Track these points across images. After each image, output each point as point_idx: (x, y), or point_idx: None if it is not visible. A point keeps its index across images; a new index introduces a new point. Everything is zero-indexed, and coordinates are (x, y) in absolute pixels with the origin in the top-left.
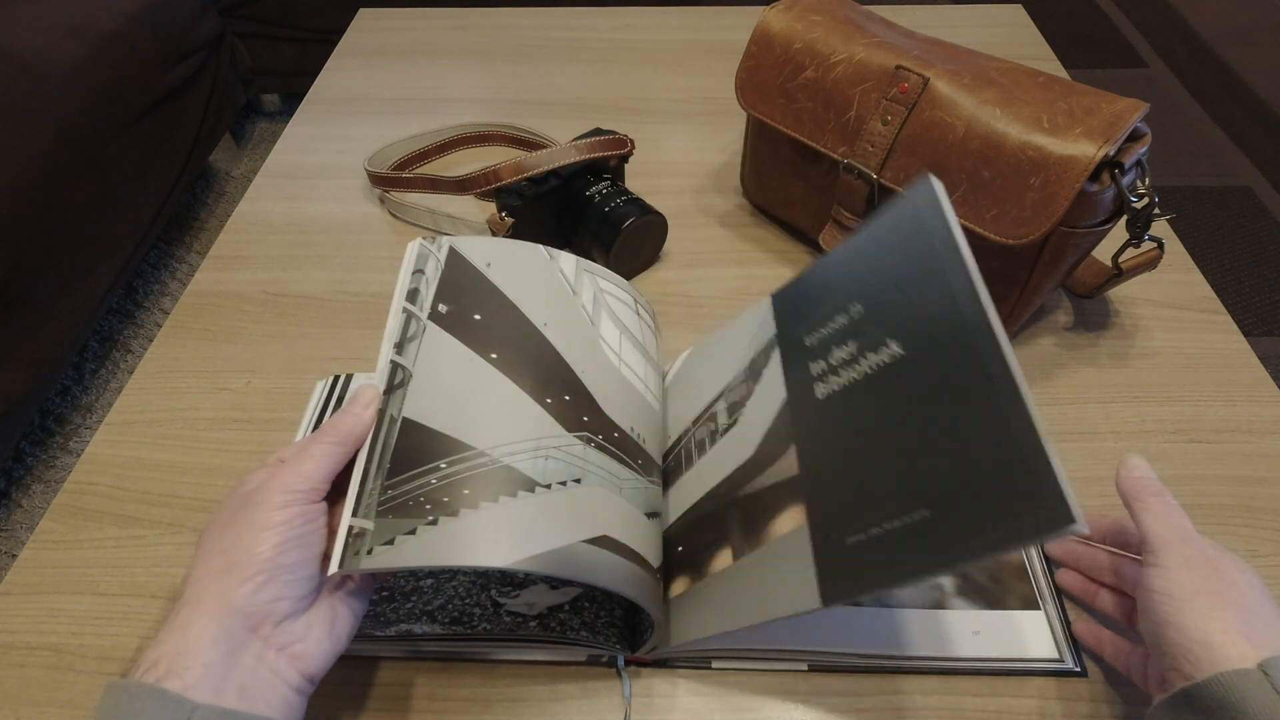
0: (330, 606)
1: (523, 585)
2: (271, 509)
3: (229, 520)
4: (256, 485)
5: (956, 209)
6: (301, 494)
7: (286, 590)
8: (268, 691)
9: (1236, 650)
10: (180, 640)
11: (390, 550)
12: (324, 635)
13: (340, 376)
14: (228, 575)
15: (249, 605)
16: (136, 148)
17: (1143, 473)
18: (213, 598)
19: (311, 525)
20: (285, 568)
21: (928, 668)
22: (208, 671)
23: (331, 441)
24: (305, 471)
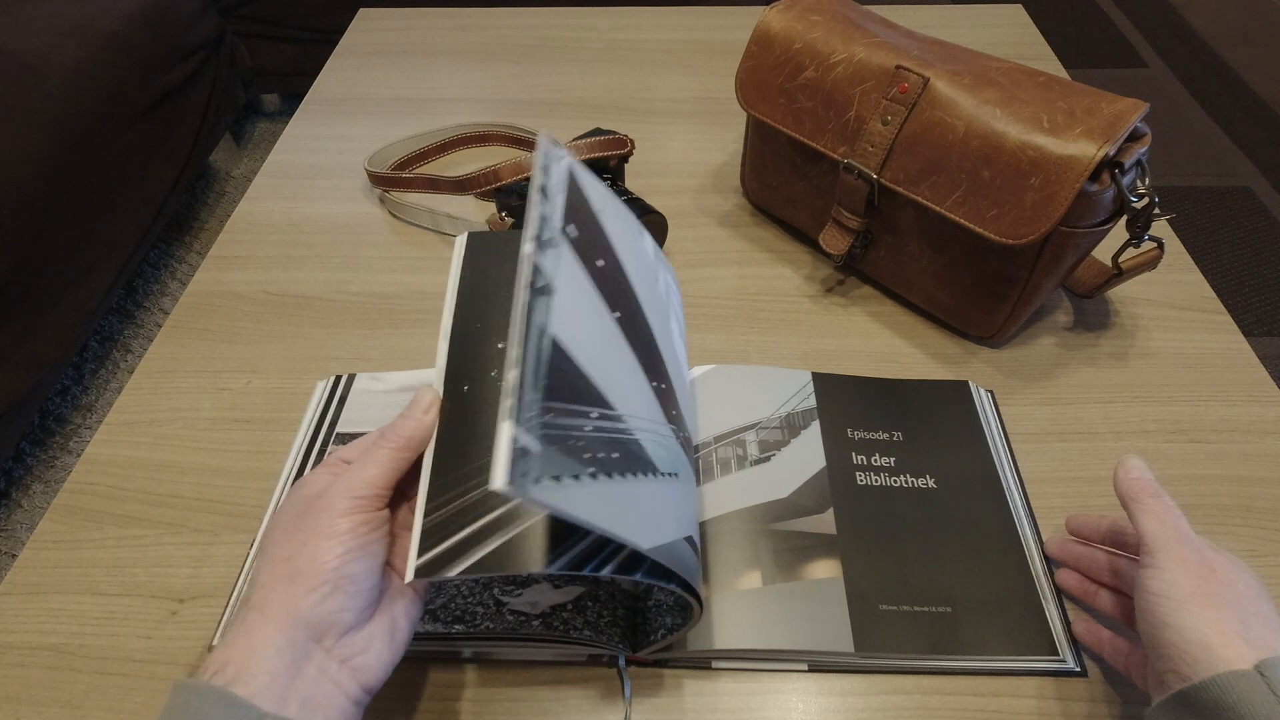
0: (390, 616)
1: (525, 584)
2: (336, 516)
3: (293, 525)
4: (320, 489)
5: (956, 209)
6: (366, 500)
7: (351, 601)
8: (328, 705)
9: (1234, 652)
10: (246, 646)
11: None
12: (384, 647)
13: (341, 376)
14: (293, 584)
15: (314, 616)
16: (136, 148)
17: (1141, 473)
18: (278, 605)
19: (376, 533)
20: (350, 578)
21: (928, 668)
22: (273, 680)
23: (395, 447)
24: (370, 478)
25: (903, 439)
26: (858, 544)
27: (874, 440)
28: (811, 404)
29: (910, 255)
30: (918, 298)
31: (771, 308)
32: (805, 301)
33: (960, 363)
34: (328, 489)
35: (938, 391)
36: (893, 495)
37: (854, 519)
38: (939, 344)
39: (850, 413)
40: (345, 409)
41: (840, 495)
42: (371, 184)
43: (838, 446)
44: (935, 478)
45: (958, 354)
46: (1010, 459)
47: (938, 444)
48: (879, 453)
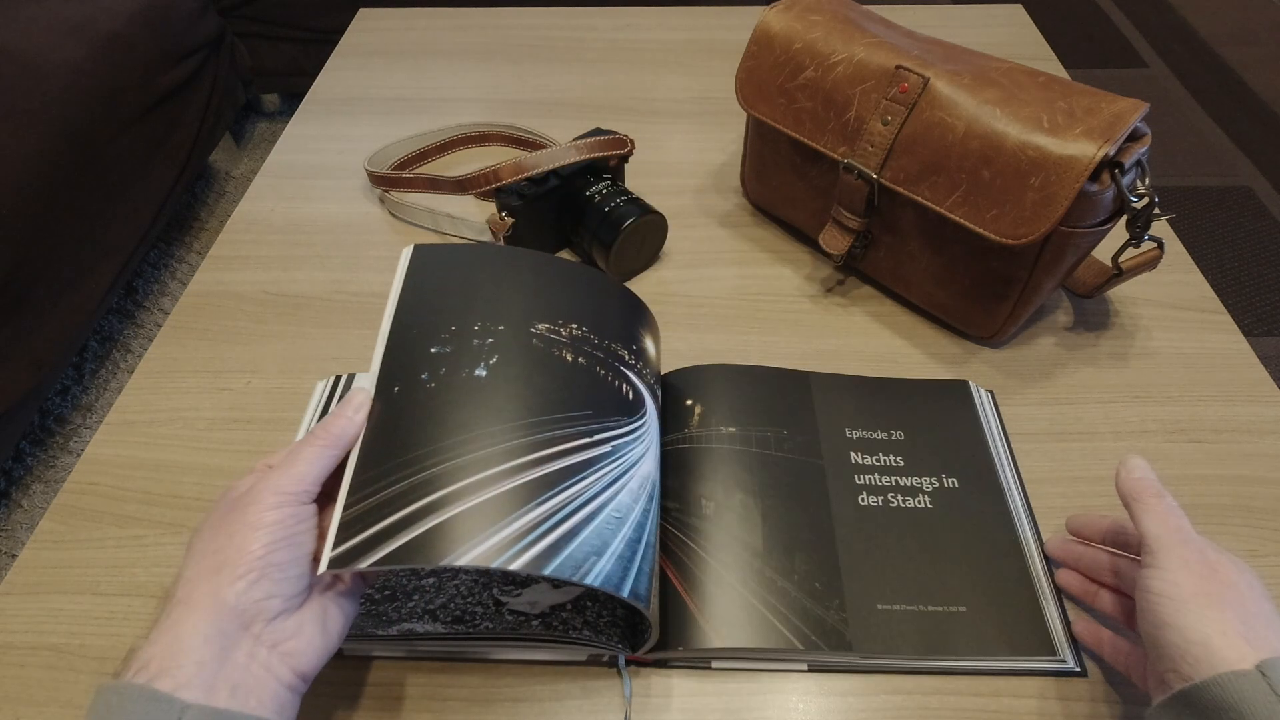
0: (321, 605)
1: (525, 584)
2: (263, 509)
3: (220, 522)
4: (247, 488)
5: (956, 209)
6: (293, 495)
7: (278, 588)
8: (260, 689)
9: (1235, 652)
10: (171, 639)
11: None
12: (316, 633)
13: (341, 376)
14: (219, 574)
15: (241, 603)
16: (136, 148)
17: (1143, 473)
18: (204, 596)
19: (303, 525)
20: (277, 566)
21: (928, 668)
22: (199, 670)
23: (323, 444)
24: (297, 473)
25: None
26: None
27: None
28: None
29: (910, 255)
30: (918, 298)
31: (771, 308)
32: (805, 301)
33: (960, 363)
34: (254, 486)
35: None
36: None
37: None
38: (939, 344)
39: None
40: None
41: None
42: (371, 184)
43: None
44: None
45: (958, 354)
46: (1010, 459)
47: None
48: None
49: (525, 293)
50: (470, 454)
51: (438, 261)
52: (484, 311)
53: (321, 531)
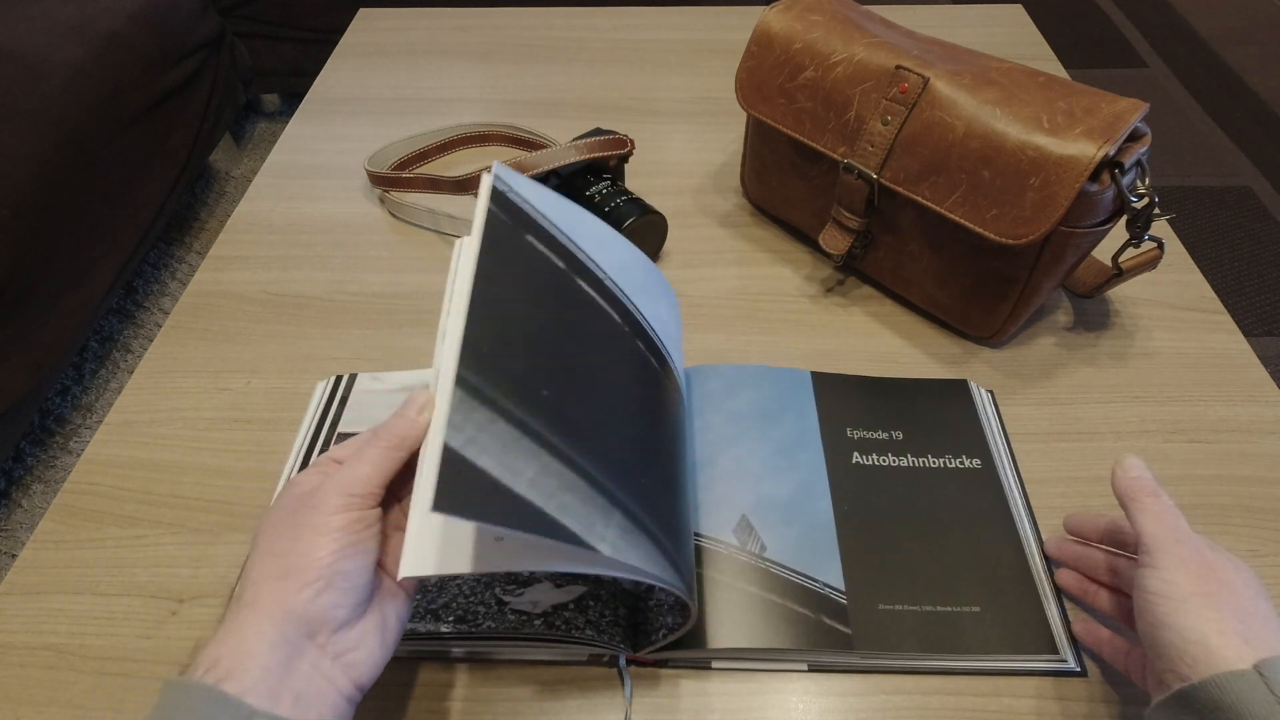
0: (380, 614)
1: (527, 583)
2: (329, 513)
3: (286, 522)
4: (313, 487)
5: (956, 209)
6: (359, 498)
7: (344, 598)
8: (321, 701)
9: (1233, 652)
10: (238, 641)
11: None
12: (377, 644)
13: (342, 376)
14: (285, 580)
15: (307, 611)
16: (136, 148)
17: (1139, 473)
18: (271, 601)
19: (368, 531)
20: (343, 574)
21: (928, 668)
22: (265, 675)
23: (388, 445)
24: (363, 475)
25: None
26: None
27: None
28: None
29: (910, 255)
30: (918, 298)
31: (771, 308)
32: (805, 301)
33: (960, 363)
34: (320, 487)
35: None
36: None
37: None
38: (939, 344)
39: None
40: (346, 409)
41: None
42: (371, 184)
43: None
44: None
45: (958, 354)
46: (1010, 459)
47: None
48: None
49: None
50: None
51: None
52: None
53: (385, 535)
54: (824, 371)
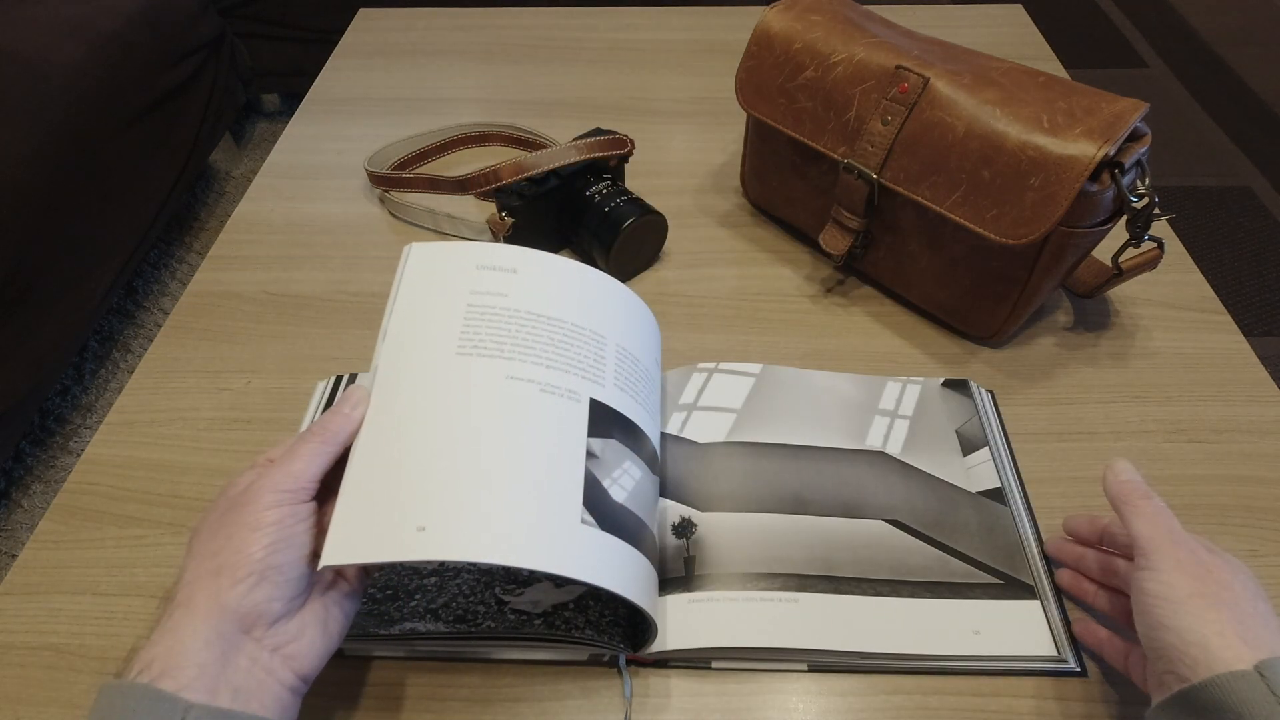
0: (323, 606)
1: (527, 583)
2: (262, 509)
3: (219, 521)
4: (245, 486)
5: (956, 209)
6: (291, 493)
7: (278, 591)
8: (261, 692)
9: (1232, 653)
10: (173, 641)
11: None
12: (317, 635)
13: (343, 376)
14: (219, 577)
15: (241, 606)
16: (136, 148)
17: (1129, 476)
18: (205, 599)
19: (302, 524)
20: (276, 568)
21: (928, 668)
22: (201, 672)
23: (321, 441)
24: (295, 471)
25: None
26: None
27: None
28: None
29: (910, 255)
30: (918, 298)
31: (771, 308)
32: (805, 301)
33: (960, 363)
34: (253, 485)
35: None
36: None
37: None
38: (939, 344)
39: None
40: None
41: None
42: (371, 184)
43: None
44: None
45: (958, 354)
46: (1010, 459)
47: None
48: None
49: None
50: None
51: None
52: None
53: (321, 529)
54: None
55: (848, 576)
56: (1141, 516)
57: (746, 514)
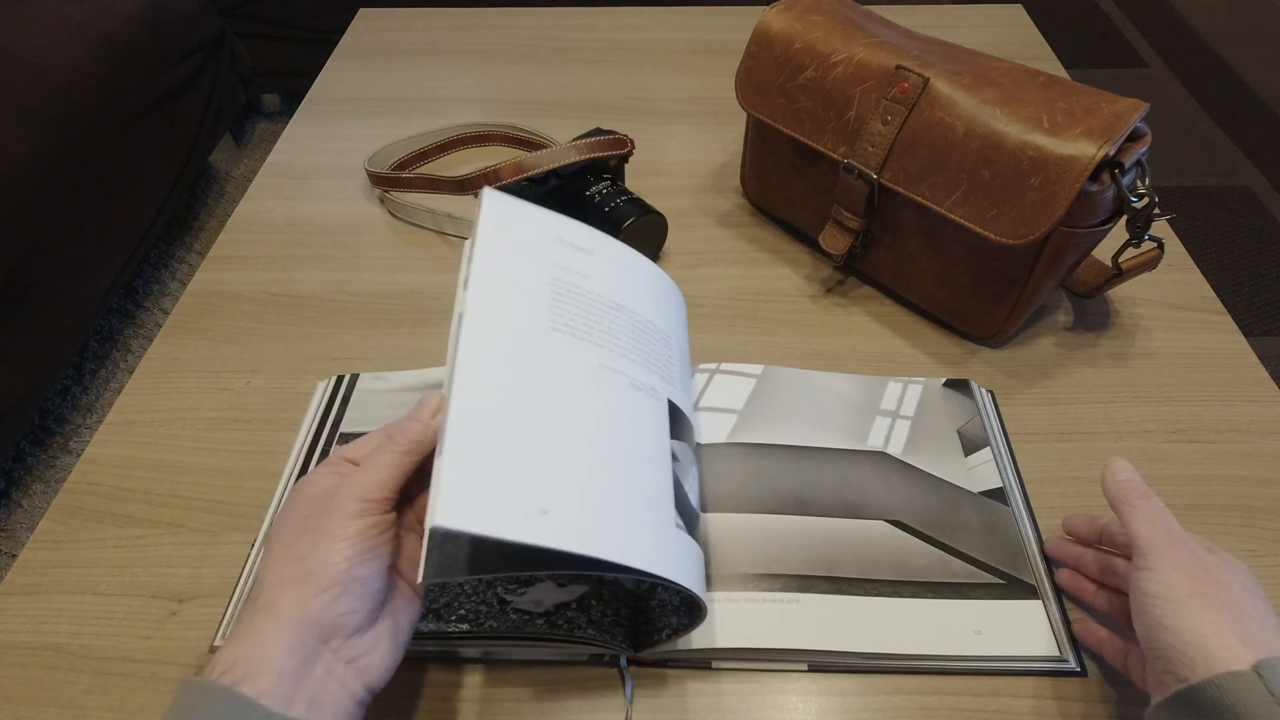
0: (393, 618)
1: (529, 583)
2: (345, 518)
3: (302, 526)
4: (327, 489)
5: (956, 209)
6: (374, 503)
7: (359, 603)
8: (334, 704)
9: (1231, 653)
10: (255, 645)
11: None
12: (389, 648)
13: (344, 376)
14: (303, 584)
15: (324, 617)
16: (136, 148)
17: (1128, 476)
18: (288, 606)
19: (383, 536)
20: (359, 580)
21: (928, 668)
22: (281, 679)
23: (403, 450)
24: (378, 480)
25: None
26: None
27: None
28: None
29: (910, 255)
30: (918, 298)
31: (771, 308)
32: (805, 301)
33: (960, 363)
34: (335, 490)
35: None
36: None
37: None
38: (939, 344)
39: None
40: (349, 409)
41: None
42: (371, 184)
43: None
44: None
45: (958, 354)
46: (1010, 459)
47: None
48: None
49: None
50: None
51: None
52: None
53: (398, 538)
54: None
55: (849, 577)
56: (1140, 516)
57: (747, 515)
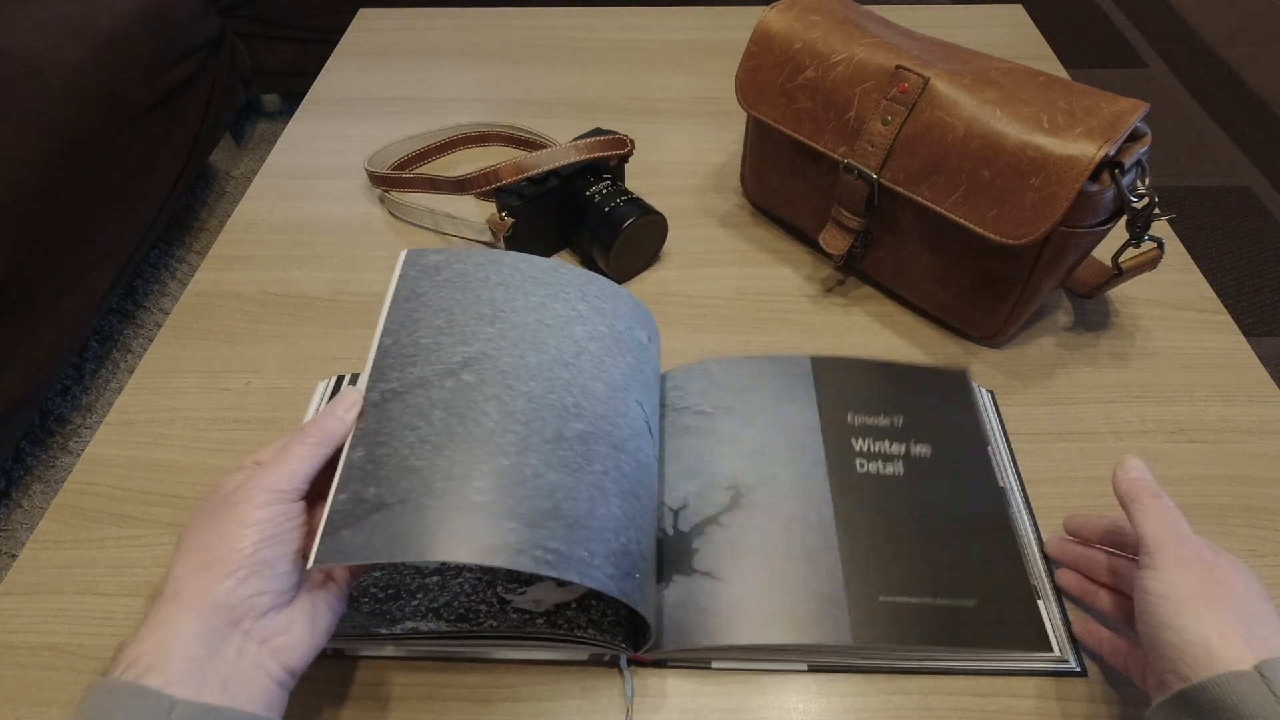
0: (311, 602)
1: (530, 582)
2: (253, 507)
3: (209, 519)
4: (236, 485)
5: (956, 209)
6: (282, 493)
7: (267, 584)
8: (250, 684)
9: (1234, 653)
10: (161, 636)
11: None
12: (305, 630)
13: (345, 376)
14: (208, 571)
15: (230, 599)
16: (136, 148)
17: (1139, 474)
18: (193, 593)
19: (292, 523)
20: (266, 563)
21: (928, 668)
22: (189, 666)
23: (314, 442)
24: (287, 471)
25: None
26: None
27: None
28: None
29: (910, 255)
30: (918, 298)
31: (771, 308)
32: (805, 301)
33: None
34: (244, 484)
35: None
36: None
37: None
38: (939, 344)
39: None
40: None
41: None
42: (371, 184)
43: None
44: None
45: (958, 354)
46: (1010, 459)
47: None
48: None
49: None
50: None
51: (430, 269)
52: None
53: (310, 529)
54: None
55: None
56: (1149, 515)
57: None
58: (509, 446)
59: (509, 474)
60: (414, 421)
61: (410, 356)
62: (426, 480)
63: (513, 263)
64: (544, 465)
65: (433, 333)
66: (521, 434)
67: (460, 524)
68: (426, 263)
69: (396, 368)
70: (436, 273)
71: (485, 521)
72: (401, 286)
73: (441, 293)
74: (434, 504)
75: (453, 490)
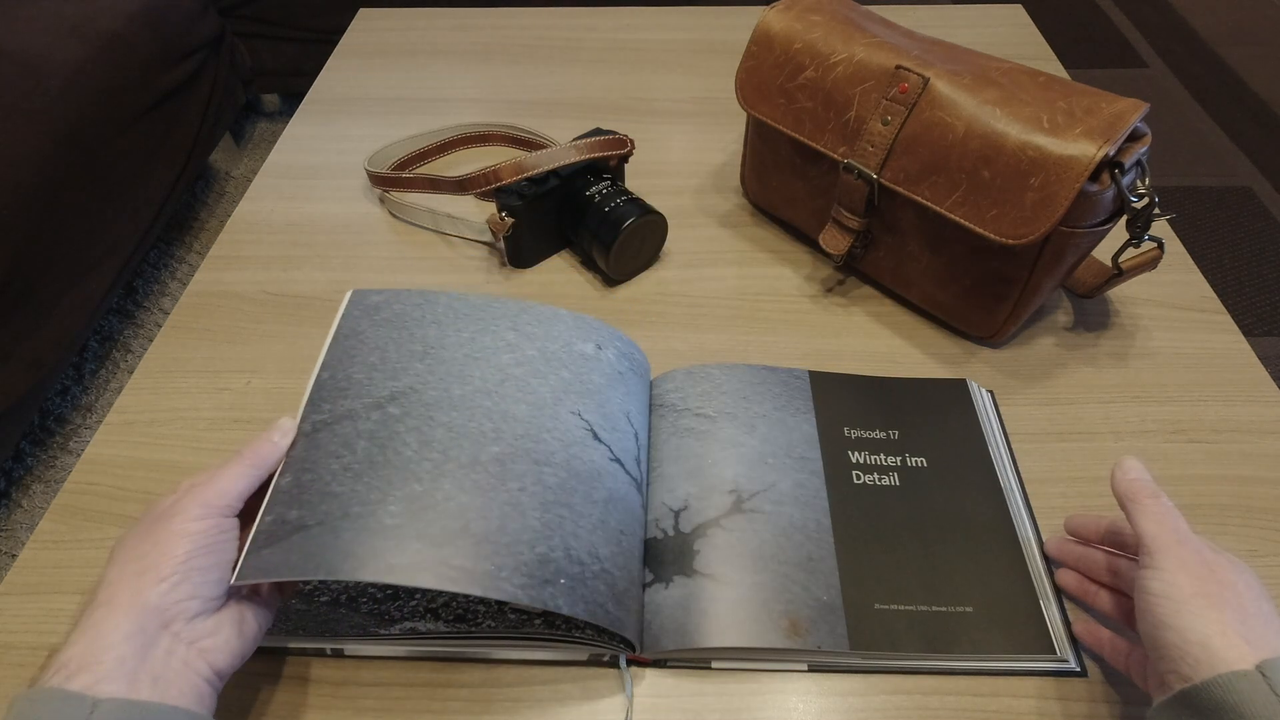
0: (239, 610)
1: None
2: (188, 520)
3: (145, 531)
4: (172, 501)
5: (956, 209)
6: (216, 508)
7: (198, 590)
8: (179, 680)
9: (1235, 652)
10: (93, 637)
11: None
12: (233, 634)
13: None
14: (142, 576)
15: (162, 603)
16: (136, 148)
17: (1138, 474)
18: (127, 597)
19: (224, 536)
20: (198, 570)
21: (928, 668)
22: (120, 664)
23: (248, 464)
24: (221, 488)
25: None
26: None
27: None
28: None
29: (910, 255)
30: (918, 298)
31: (771, 308)
32: (805, 301)
33: (960, 363)
34: (179, 500)
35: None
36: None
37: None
38: (939, 344)
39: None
40: None
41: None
42: (371, 184)
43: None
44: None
45: (958, 354)
46: (1010, 459)
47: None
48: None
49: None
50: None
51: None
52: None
53: (242, 544)
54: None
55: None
56: (1148, 515)
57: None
58: (424, 473)
59: (421, 498)
60: (339, 450)
61: (343, 390)
62: (344, 505)
63: (447, 302)
64: (456, 489)
65: (366, 369)
66: (438, 461)
67: (370, 545)
68: (368, 303)
69: (329, 400)
70: (376, 312)
71: (393, 543)
72: (343, 325)
73: (379, 331)
74: (349, 526)
75: (367, 514)
